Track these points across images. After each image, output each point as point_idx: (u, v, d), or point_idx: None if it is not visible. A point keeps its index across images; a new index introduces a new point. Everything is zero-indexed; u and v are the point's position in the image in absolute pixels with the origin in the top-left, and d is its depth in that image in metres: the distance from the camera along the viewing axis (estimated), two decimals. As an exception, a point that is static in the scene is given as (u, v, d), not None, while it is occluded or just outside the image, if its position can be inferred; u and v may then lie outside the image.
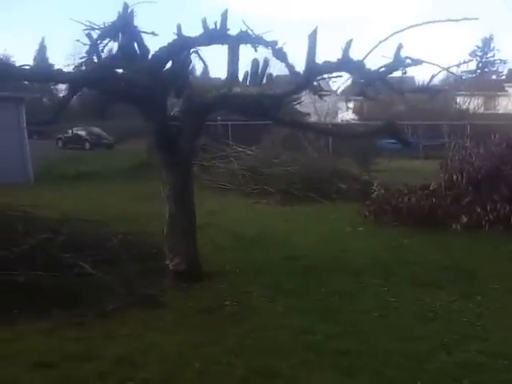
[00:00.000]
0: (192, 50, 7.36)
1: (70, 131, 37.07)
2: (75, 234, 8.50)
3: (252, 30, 7.07)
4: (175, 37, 6.94)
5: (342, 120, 35.39)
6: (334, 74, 7.00)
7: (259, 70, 7.73)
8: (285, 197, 14.53)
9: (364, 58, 6.49)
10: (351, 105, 34.32)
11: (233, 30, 7.09)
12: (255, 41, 7.05)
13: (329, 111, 30.86)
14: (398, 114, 33.21)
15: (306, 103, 25.84)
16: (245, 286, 7.45)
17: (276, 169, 15.38)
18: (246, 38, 7.01)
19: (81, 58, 6.52)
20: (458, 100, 37.41)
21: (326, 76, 6.71)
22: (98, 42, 6.45)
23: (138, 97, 6.91)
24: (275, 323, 6.19)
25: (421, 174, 14.00)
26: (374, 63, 6.79)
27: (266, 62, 7.80)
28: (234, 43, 6.84)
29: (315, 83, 6.64)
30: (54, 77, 6.39)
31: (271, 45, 7.08)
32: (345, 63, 6.42)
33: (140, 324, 6.13)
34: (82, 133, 36.70)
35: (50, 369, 5.01)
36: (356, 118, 38.41)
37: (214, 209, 13.20)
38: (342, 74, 7.03)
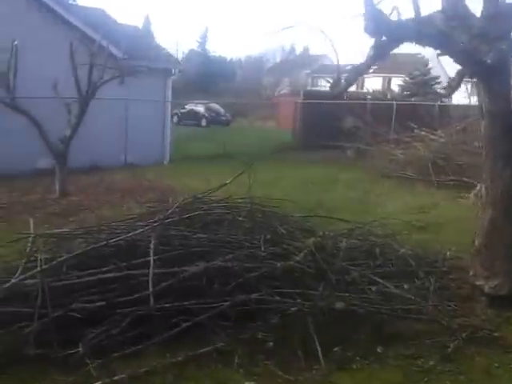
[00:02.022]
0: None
1: (186, 107, 36.23)
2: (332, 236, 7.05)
3: None
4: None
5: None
6: None
7: None
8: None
9: None
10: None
11: None
12: None
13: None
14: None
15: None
16: None
17: (472, 158, 13.44)
18: None
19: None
20: None
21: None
22: None
23: (485, 67, 5.38)
24: None
25: None
26: None
27: None
28: None
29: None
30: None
31: None
32: None
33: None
34: (200, 109, 35.74)
35: None
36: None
37: (418, 203, 11.60)
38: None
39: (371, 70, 63.20)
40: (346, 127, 19.47)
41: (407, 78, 34.09)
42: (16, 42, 10.05)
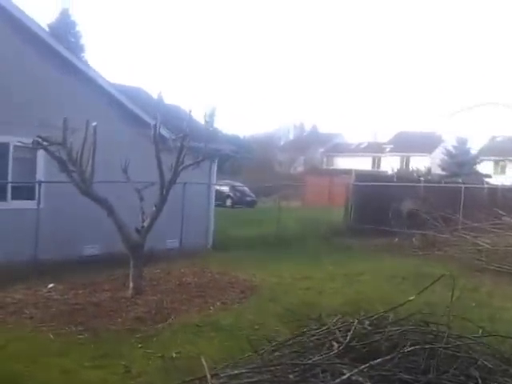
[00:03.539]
0: None
1: (210, 186, 35.37)
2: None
3: None
4: None
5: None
6: None
7: None
8: None
9: None
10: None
11: None
12: None
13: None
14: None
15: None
16: None
17: None
18: None
19: None
20: None
21: None
22: None
23: None
24: None
25: None
26: None
27: None
28: None
29: None
30: None
31: None
32: None
33: None
34: (224, 188, 34.79)
35: None
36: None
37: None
38: None
39: (388, 149, 62.51)
40: (405, 211, 18.16)
41: (446, 157, 33.24)
42: (95, 124, 8.92)
